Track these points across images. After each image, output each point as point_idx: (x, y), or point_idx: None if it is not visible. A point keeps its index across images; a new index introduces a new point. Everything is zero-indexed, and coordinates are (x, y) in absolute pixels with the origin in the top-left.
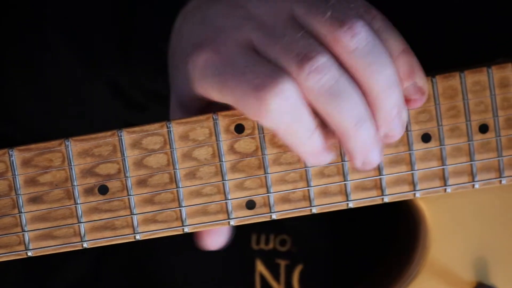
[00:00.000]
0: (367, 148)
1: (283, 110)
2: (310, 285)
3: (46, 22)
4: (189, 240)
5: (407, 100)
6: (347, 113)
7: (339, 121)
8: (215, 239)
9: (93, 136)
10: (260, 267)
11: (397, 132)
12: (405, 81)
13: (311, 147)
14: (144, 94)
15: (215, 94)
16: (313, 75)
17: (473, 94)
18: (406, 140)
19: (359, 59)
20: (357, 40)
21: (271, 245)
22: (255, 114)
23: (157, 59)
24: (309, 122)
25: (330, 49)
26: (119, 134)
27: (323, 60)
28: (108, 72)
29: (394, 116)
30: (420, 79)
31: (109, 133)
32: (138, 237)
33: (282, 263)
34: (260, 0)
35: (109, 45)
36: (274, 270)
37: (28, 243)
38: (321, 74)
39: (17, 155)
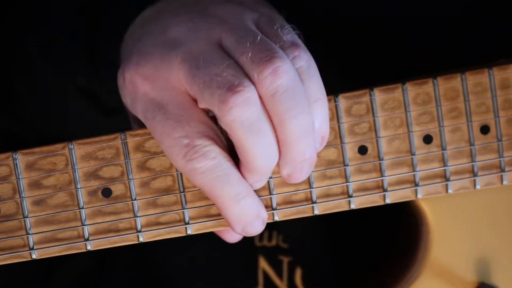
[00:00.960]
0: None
1: (209, 170)
2: (313, 281)
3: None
4: (191, 237)
5: None
6: (260, 152)
7: (251, 156)
8: (235, 234)
9: (96, 139)
10: (263, 264)
11: (301, 177)
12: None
13: (242, 214)
14: (118, 98)
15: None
16: (235, 109)
17: (474, 95)
18: (408, 142)
19: (278, 102)
20: (278, 84)
21: (274, 242)
22: (184, 172)
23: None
24: (238, 184)
25: (254, 85)
26: (122, 137)
27: (248, 94)
28: (79, 79)
29: (300, 162)
30: (327, 130)
31: (112, 136)
32: (141, 239)
33: (285, 259)
34: (187, 28)
35: (79, 53)
36: (277, 267)
37: (33, 245)
38: (244, 109)
39: (21, 158)
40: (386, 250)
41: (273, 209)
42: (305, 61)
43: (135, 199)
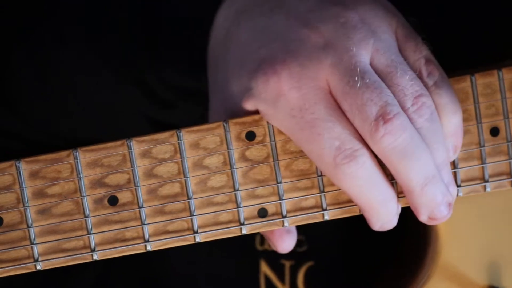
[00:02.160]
0: (434, 204)
1: (359, 176)
2: (315, 285)
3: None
4: None
5: None
6: (417, 173)
7: (408, 179)
8: (288, 242)
9: (102, 146)
10: (265, 268)
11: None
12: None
13: (386, 215)
14: (173, 91)
15: (276, 125)
16: (388, 137)
17: (484, 97)
18: None
19: (429, 131)
20: (425, 118)
21: None
22: (330, 175)
23: (185, 55)
24: (385, 189)
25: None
26: (129, 144)
27: (399, 121)
28: (135, 70)
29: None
30: (461, 140)
31: (118, 142)
32: (149, 247)
33: (287, 263)
34: (335, 28)
35: (134, 42)
36: (278, 271)
37: (37, 256)
38: (396, 135)
39: (24, 167)
40: (393, 254)
41: (282, 216)
42: (438, 75)
43: (142, 207)
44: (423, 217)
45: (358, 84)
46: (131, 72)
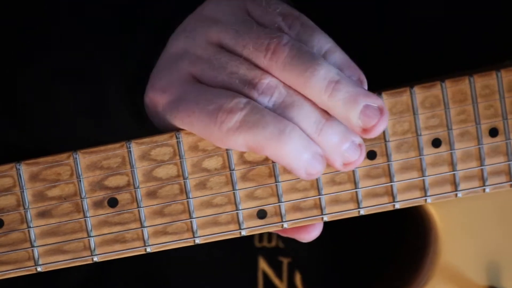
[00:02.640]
0: (336, 149)
1: (249, 121)
2: (313, 283)
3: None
4: None
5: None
6: (305, 121)
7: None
8: (313, 233)
9: (101, 148)
10: (263, 265)
11: (375, 124)
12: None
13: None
14: None
15: (177, 126)
16: (262, 96)
17: (483, 97)
18: (416, 146)
19: (292, 71)
20: (284, 57)
21: (273, 243)
22: (219, 140)
23: None
24: (276, 122)
25: (263, 68)
26: (128, 146)
27: (267, 81)
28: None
29: (354, 104)
30: (355, 66)
31: (117, 144)
32: (148, 249)
33: (285, 260)
34: (184, 37)
35: (119, 106)
36: (276, 268)
37: (38, 258)
38: (268, 95)
39: (24, 169)
40: (393, 254)
41: (281, 217)
42: (299, 24)
43: (141, 208)
44: (337, 166)
45: (216, 66)
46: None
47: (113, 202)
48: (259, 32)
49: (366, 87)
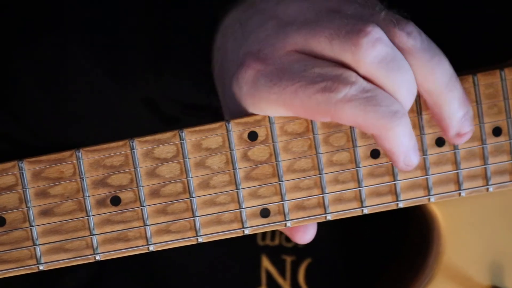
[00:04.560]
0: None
1: (361, 96)
2: (316, 281)
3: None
4: None
5: None
6: (404, 86)
7: (400, 89)
8: (307, 234)
9: (104, 146)
10: (266, 263)
11: (469, 130)
12: None
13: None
14: (179, 107)
15: (270, 106)
16: (371, 49)
17: (486, 97)
18: (420, 145)
19: (419, 52)
20: (414, 36)
21: (276, 241)
22: (326, 112)
23: (190, 72)
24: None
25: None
26: (131, 144)
27: (378, 34)
28: (141, 87)
29: (459, 100)
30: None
31: (121, 143)
32: (151, 248)
33: (288, 259)
34: (299, 7)
35: (141, 60)
36: (280, 266)
37: (40, 257)
38: (378, 47)
39: (27, 167)
40: (395, 253)
41: (285, 216)
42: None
43: (144, 207)
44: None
45: (325, 21)
46: (136, 88)
47: (116, 201)
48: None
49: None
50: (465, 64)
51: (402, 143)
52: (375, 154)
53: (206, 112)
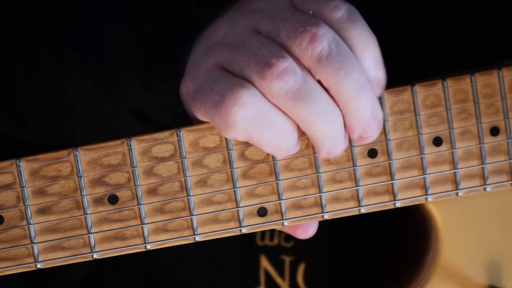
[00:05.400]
0: (334, 141)
1: (249, 119)
2: (315, 281)
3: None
4: None
5: None
6: (316, 115)
7: (309, 122)
8: (309, 229)
9: (102, 145)
10: (265, 263)
11: (373, 133)
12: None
13: (288, 147)
14: (172, 117)
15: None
16: (276, 81)
17: (484, 96)
18: (417, 144)
19: (325, 67)
20: (320, 50)
21: (275, 241)
22: (224, 130)
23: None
24: (283, 123)
25: (295, 56)
26: (129, 143)
27: (285, 65)
28: (131, 99)
29: (368, 118)
30: (382, 73)
31: (118, 141)
32: (149, 246)
33: (287, 259)
34: (227, 26)
35: (130, 71)
36: (278, 266)
37: (38, 255)
38: (284, 79)
39: (25, 165)
40: (393, 253)
41: (282, 215)
42: (345, 9)
43: (142, 205)
44: (322, 155)
45: (241, 49)
46: (127, 98)
47: (113, 199)
48: (295, 18)
49: (382, 87)
50: (463, 63)
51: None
52: (372, 153)
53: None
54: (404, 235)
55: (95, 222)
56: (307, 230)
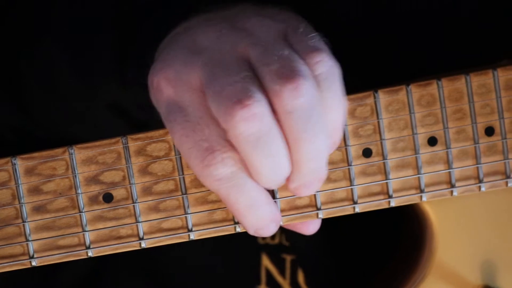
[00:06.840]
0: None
1: (224, 179)
2: (315, 280)
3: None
4: None
5: None
6: (265, 167)
7: (255, 169)
8: (312, 225)
9: (97, 143)
10: (266, 262)
11: (308, 192)
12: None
13: (256, 221)
14: (146, 110)
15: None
16: (242, 123)
17: (479, 96)
18: (412, 144)
19: (295, 122)
20: (297, 103)
21: (277, 240)
22: (199, 176)
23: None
24: (255, 194)
25: (270, 100)
26: (124, 141)
27: (256, 110)
28: (108, 93)
29: (310, 182)
30: (339, 137)
31: (113, 140)
32: (143, 244)
33: (288, 258)
34: (215, 36)
35: (107, 65)
36: (279, 265)
37: (33, 253)
38: (250, 124)
39: (20, 163)
40: (390, 252)
41: None
42: (328, 67)
43: (136, 204)
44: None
45: (218, 74)
46: (104, 93)
47: (108, 198)
48: (289, 60)
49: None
50: (458, 63)
51: (254, 226)
52: (367, 153)
53: None
54: (400, 235)
55: (90, 220)
56: (310, 226)
